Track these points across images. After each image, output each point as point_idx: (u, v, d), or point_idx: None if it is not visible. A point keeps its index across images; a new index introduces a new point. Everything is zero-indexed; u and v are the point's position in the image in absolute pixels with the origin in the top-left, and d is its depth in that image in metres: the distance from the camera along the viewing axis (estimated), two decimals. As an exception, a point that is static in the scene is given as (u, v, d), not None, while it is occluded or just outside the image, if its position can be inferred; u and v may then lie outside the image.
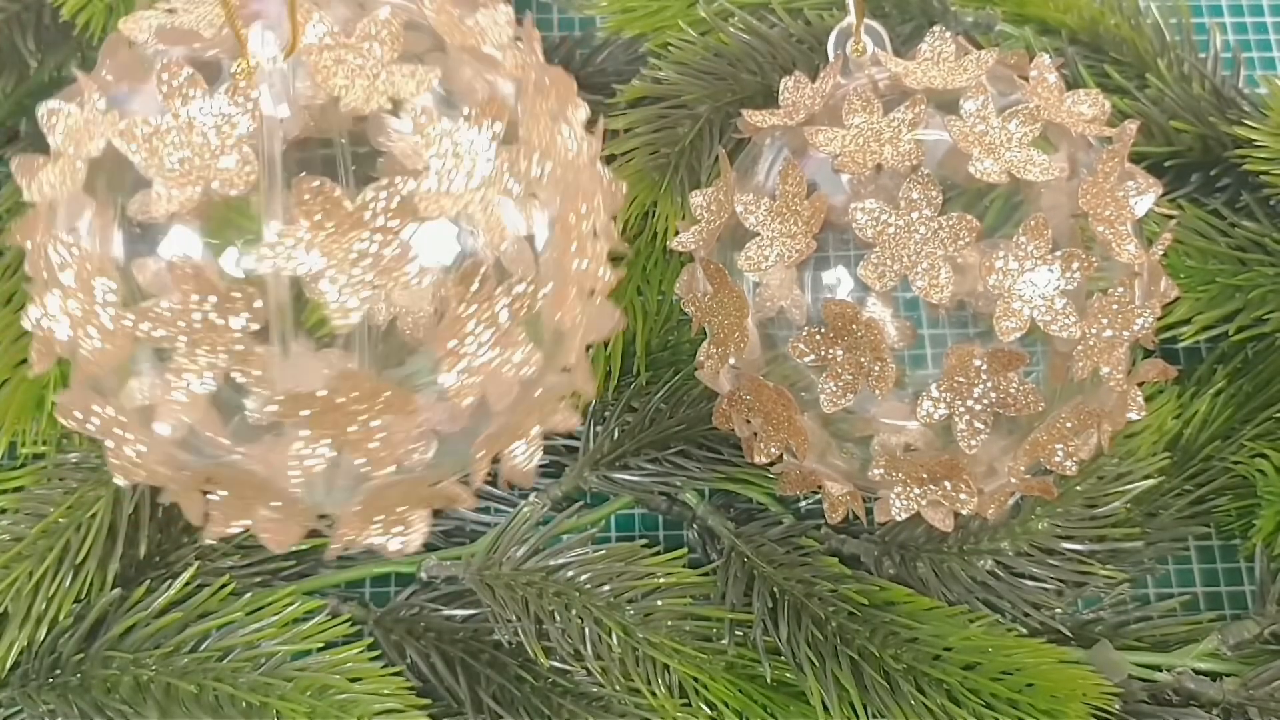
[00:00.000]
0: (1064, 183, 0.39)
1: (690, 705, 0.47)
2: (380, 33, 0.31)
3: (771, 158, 0.42)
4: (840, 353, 0.38)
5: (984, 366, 0.38)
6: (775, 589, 0.48)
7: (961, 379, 0.38)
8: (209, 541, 0.35)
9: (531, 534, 0.49)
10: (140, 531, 0.48)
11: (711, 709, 0.47)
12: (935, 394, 0.38)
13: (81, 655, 0.46)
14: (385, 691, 0.46)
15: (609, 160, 0.51)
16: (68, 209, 0.32)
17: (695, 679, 0.47)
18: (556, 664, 0.47)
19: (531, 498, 0.51)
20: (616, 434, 0.51)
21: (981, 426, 0.38)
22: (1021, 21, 0.56)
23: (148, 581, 0.48)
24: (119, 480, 0.33)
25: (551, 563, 0.48)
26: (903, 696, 0.45)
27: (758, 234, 0.39)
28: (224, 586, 0.47)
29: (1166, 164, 0.55)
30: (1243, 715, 0.48)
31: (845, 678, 0.46)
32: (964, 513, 0.41)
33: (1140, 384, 0.42)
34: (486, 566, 0.48)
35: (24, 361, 0.52)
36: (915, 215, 0.37)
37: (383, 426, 0.31)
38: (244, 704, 0.45)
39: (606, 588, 0.48)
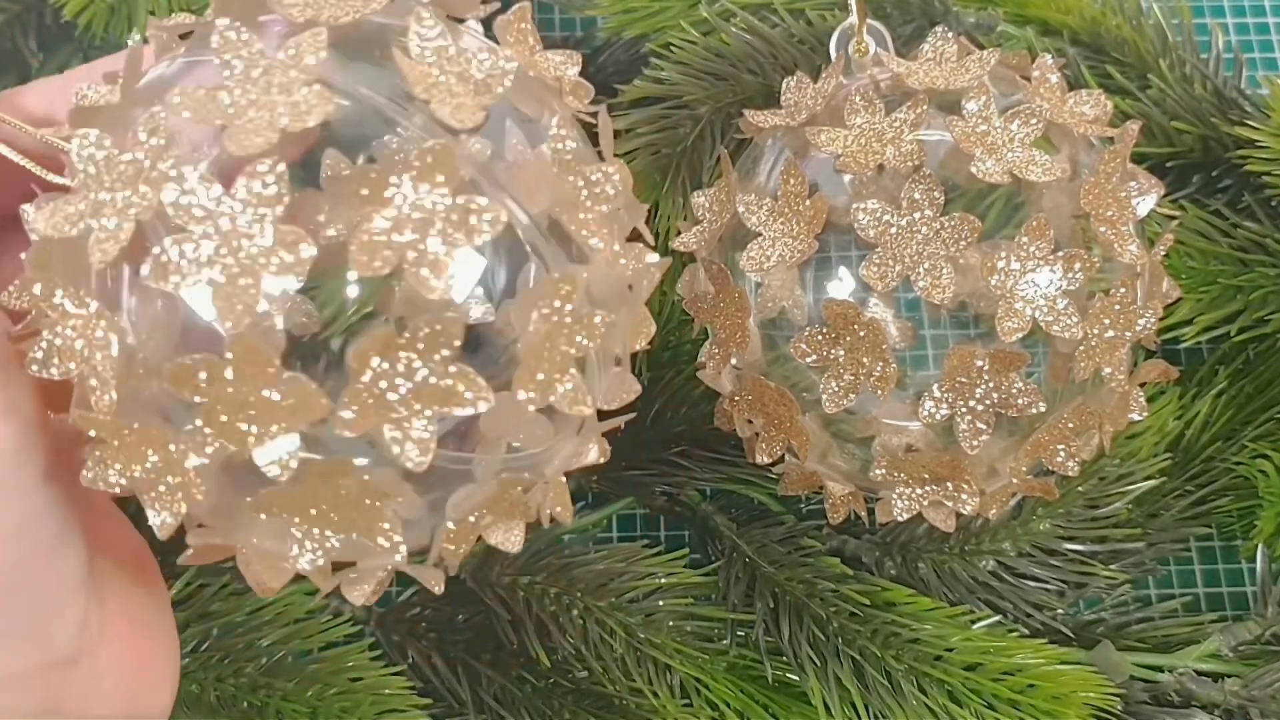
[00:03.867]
0: (1066, 183, 0.39)
1: (692, 706, 0.47)
2: None
3: (773, 158, 0.42)
4: (842, 353, 0.38)
5: (986, 367, 0.38)
6: (776, 589, 0.48)
7: (963, 379, 0.38)
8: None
9: (532, 534, 0.49)
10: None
11: (713, 709, 0.47)
12: (937, 394, 0.38)
13: (83, 655, 0.46)
14: (387, 691, 0.46)
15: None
16: None
17: (697, 679, 0.47)
18: (558, 664, 0.47)
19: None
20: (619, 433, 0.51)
21: (983, 427, 0.38)
22: (1023, 22, 0.56)
23: (149, 581, 0.48)
24: None
25: (553, 563, 0.48)
26: (904, 697, 0.45)
27: (759, 234, 0.39)
28: (225, 586, 0.47)
29: (1168, 165, 0.55)
30: (1244, 716, 0.48)
31: (847, 678, 0.46)
32: (965, 513, 0.41)
33: (1142, 385, 0.42)
34: (488, 567, 0.48)
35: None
36: (917, 215, 0.37)
37: None
38: (245, 704, 0.45)
39: (608, 588, 0.48)
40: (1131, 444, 0.51)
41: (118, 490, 0.28)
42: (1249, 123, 0.52)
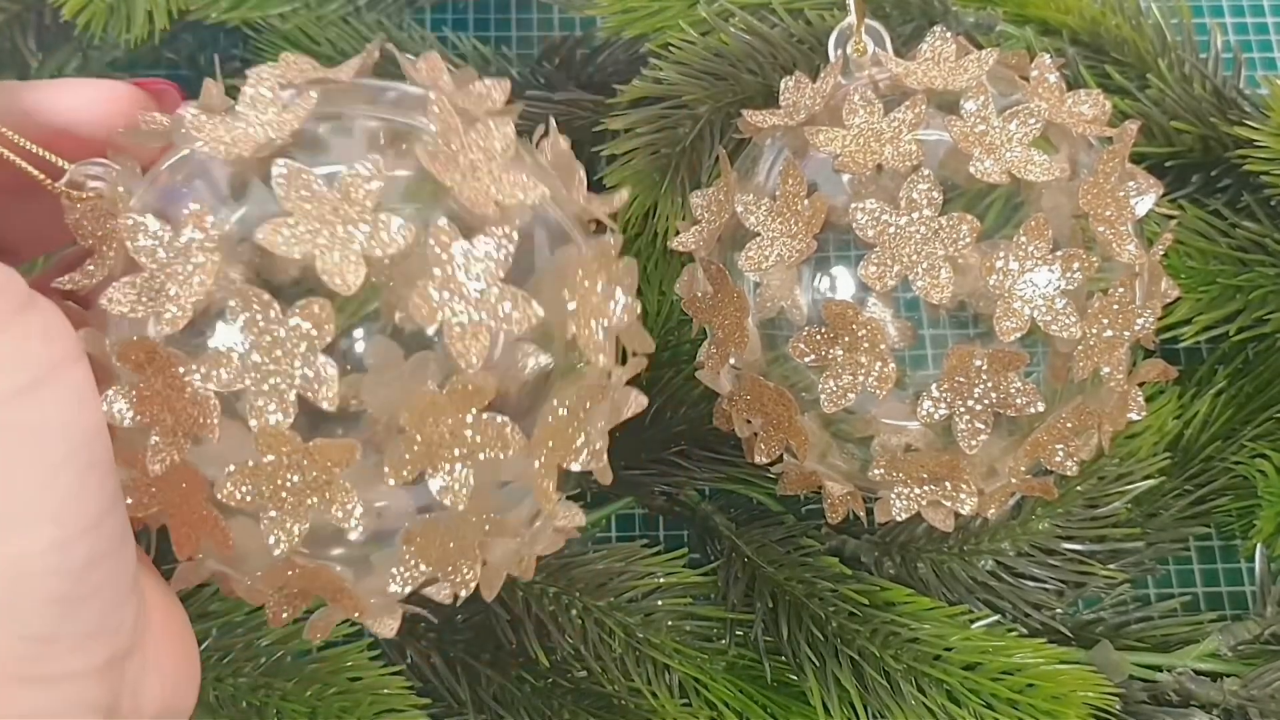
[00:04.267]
0: (1065, 183, 0.39)
1: (691, 705, 0.47)
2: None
3: (772, 158, 0.42)
4: (840, 353, 0.38)
5: (984, 367, 0.38)
6: (776, 589, 0.48)
7: (962, 379, 0.38)
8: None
9: (532, 534, 0.49)
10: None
11: (712, 709, 0.47)
12: (935, 394, 0.38)
13: (82, 655, 0.46)
14: (386, 691, 0.46)
15: (609, 160, 0.51)
16: None
17: (696, 679, 0.47)
18: (557, 664, 0.47)
19: (532, 498, 0.51)
20: (617, 433, 0.51)
21: (982, 427, 0.38)
22: (1023, 22, 0.56)
23: (148, 581, 0.48)
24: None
25: (552, 563, 0.48)
26: (903, 697, 0.45)
27: (758, 234, 0.39)
28: (224, 586, 0.47)
29: (1167, 164, 0.55)
30: (1243, 716, 0.48)
31: (846, 678, 0.46)
32: (964, 513, 0.41)
33: (1141, 384, 0.42)
34: (487, 566, 0.48)
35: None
36: (915, 215, 0.37)
37: None
38: (244, 704, 0.45)
39: (607, 588, 0.48)
40: (1130, 444, 0.51)
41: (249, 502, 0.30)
42: (1248, 122, 0.52)
